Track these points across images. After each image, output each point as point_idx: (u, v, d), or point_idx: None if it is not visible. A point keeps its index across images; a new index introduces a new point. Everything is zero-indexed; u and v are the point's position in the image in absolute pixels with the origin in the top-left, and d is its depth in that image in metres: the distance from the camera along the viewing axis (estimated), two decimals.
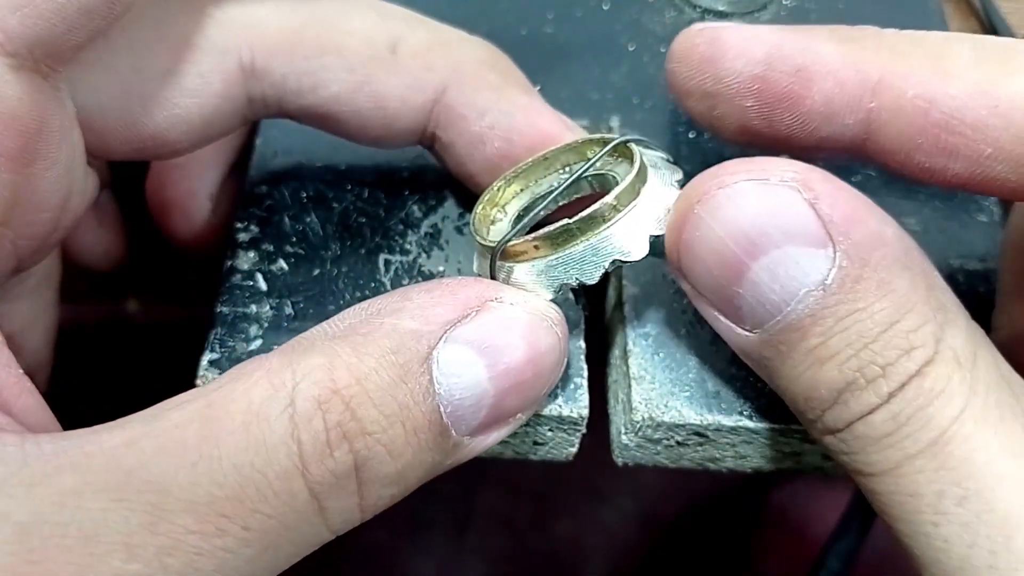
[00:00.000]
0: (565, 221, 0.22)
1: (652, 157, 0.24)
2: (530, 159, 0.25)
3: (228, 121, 0.26)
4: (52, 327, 0.29)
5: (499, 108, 0.25)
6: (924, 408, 0.18)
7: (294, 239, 0.29)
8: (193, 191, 0.31)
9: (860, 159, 0.23)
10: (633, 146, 0.23)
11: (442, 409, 0.20)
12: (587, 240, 0.22)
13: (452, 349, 0.20)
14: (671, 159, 0.24)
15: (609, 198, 0.22)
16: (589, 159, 0.25)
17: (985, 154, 0.20)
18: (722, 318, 0.22)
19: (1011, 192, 0.21)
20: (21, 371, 0.21)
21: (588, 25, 0.37)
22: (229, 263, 0.28)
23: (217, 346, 0.26)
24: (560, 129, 0.25)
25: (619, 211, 0.22)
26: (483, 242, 0.23)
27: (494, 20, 0.37)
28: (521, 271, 0.23)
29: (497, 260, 0.23)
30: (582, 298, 0.28)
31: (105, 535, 0.17)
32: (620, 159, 0.24)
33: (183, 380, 0.25)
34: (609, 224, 0.22)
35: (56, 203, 0.22)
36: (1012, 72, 0.20)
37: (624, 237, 0.22)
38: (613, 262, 0.22)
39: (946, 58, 0.21)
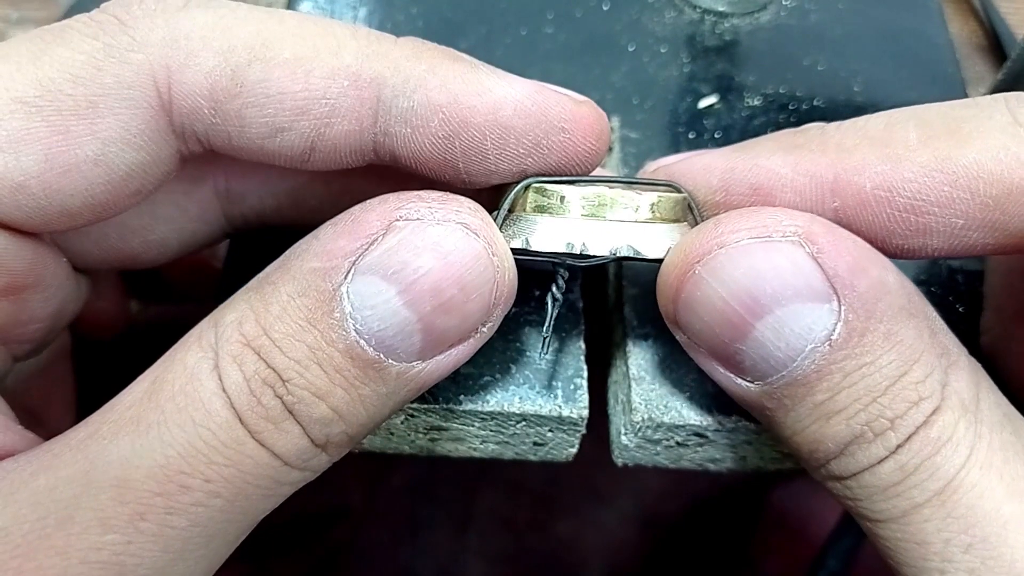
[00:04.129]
0: (607, 182, 0.22)
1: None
2: (583, 177, 0.24)
3: (207, 239, 0.26)
4: (71, 397, 0.29)
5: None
6: (931, 457, 0.19)
7: (294, 239, 0.28)
8: None
9: None
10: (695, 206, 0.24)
11: (364, 344, 0.19)
12: (619, 223, 0.22)
13: (361, 281, 0.20)
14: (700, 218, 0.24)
15: (661, 196, 0.22)
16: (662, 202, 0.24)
17: (958, 226, 0.21)
18: (720, 368, 0.22)
19: (993, 250, 0.21)
20: (7, 416, 0.22)
21: (588, 25, 0.37)
22: (229, 263, 0.28)
23: None
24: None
25: (658, 222, 0.22)
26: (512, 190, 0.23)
27: (494, 20, 0.37)
28: (532, 219, 0.22)
29: (519, 201, 0.22)
30: (580, 301, 0.28)
31: (79, 516, 0.18)
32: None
33: None
34: (646, 224, 0.22)
35: (48, 314, 0.24)
36: (962, 142, 0.20)
37: (649, 238, 0.22)
38: (630, 249, 0.22)
39: (893, 143, 0.21)
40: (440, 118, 0.21)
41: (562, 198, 0.22)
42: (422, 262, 0.20)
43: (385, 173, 0.25)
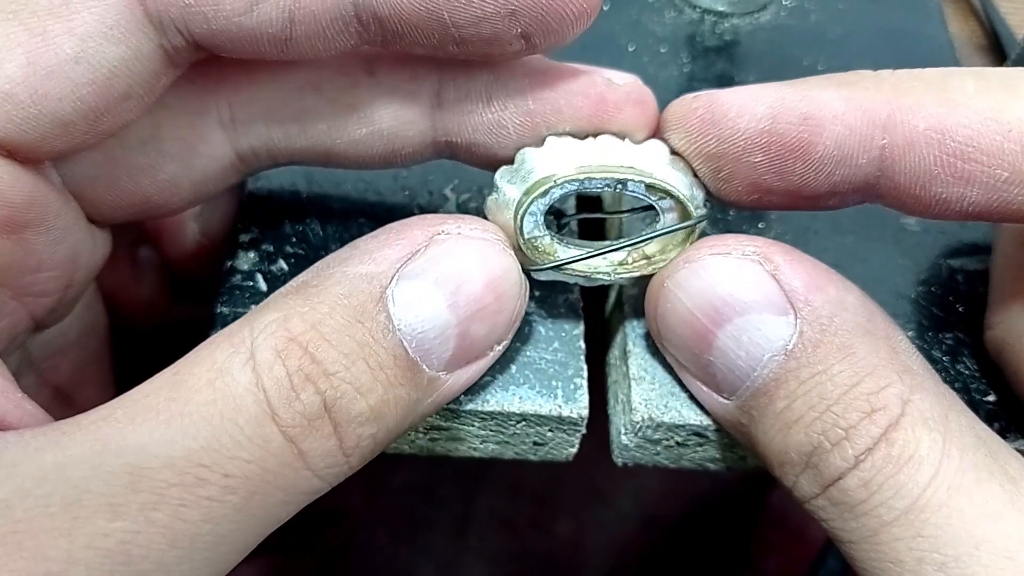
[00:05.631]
0: (608, 277, 0.24)
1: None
2: (604, 167, 0.24)
3: (220, 178, 0.26)
4: (108, 380, 0.29)
5: (502, 85, 0.24)
6: (894, 475, 0.19)
7: (294, 239, 0.29)
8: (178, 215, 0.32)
9: (871, 200, 0.23)
10: (698, 229, 0.24)
11: (406, 344, 0.20)
12: (616, 277, 0.24)
13: (407, 285, 0.20)
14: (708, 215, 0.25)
15: (653, 253, 0.24)
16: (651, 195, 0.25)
17: (1002, 179, 0.20)
18: (703, 387, 0.23)
19: None
20: (7, 380, 0.22)
21: None
22: (229, 263, 0.28)
23: None
24: (573, 72, 0.24)
25: (652, 266, 0.24)
26: (524, 250, 0.23)
27: None
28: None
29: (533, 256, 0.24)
30: (580, 301, 0.28)
31: (88, 499, 0.17)
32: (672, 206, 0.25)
33: None
34: (635, 275, 0.24)
35: (58, 262, 0.23)
36: (1020, 96, 0.20)
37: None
38: (615, 285, 0.24)
39: (950, 89, 0.21)
40: None
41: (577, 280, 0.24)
42: (466, 269, 0.21)
43: (388, 85, 0.24)
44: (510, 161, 0.24)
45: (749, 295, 0.21)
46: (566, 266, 0.24)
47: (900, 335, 0.21)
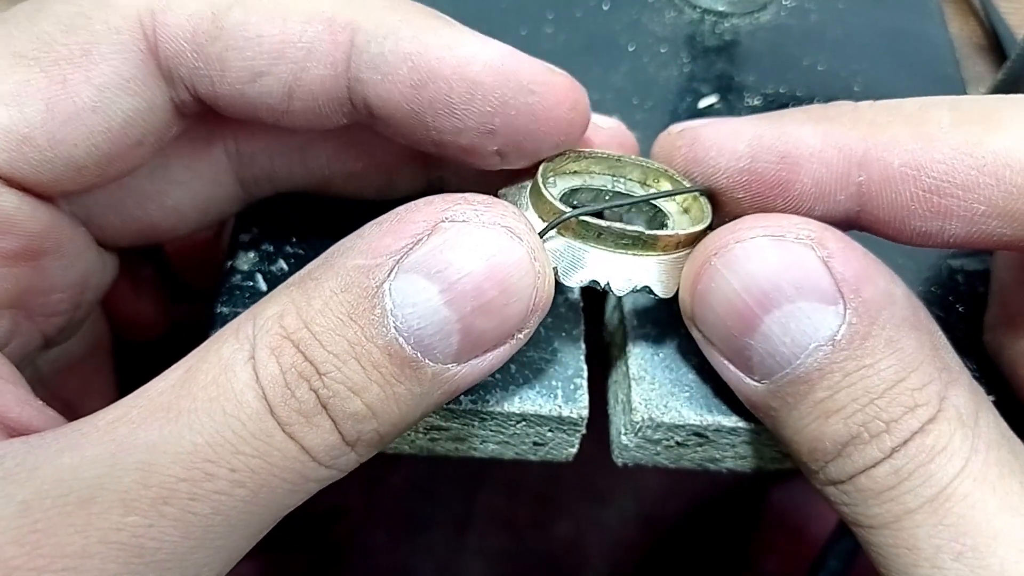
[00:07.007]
0: (640, 229, 0.23)
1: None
2: (601, 152, 0.25)
3: (224, 205, 0.27)
4: (112, 394, 0.30)
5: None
6: (926, 464, 0.19)
7: (294, 239, 0.29)
8: None
9: (857, 229, 0.23)
10: (704, 199, 0.24)
11: (402, 341, 0.20)
12: (643, 257, 0.23)
13: (404, 279, 0.20)
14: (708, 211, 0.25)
15: (681, 233, 0.23)
16: (651, 183, 0.25)
17: (979, 212, 0.21)
18: (731, 367, 0.22)
19: (1008, 245, 0.21)
20: (19, 383, 0.22)
21: (588, 25, 0.37)
22: (229, 263, 0.28)
23: None
24: None
25: (679, 250, 0.23)
26: (551, 200, 0.23)
27: (494, 20, 0.37)
28: (564, 245, 0.23)
29: (553, 227, 0.23)
30: (580, 301, 0.28)
31: (102, 497, 0.18)
32: (682, 200, 0.25)
33: None
34: (667, 256, 0.23)
35: (69, 284, 0.24)
36: (993, 129, 0.20)
37: (666, 272, 0.23)
38: (645, 288, 0.23)
39: (925, 123, 0.21)
40: (409, 66, 0.21)
41: (599, 234, 0.23)
42: (466, 263, 0.20)
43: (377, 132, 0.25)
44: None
45: (801, 282, 0.20)
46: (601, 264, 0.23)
47: (939, 330, 0.21)
